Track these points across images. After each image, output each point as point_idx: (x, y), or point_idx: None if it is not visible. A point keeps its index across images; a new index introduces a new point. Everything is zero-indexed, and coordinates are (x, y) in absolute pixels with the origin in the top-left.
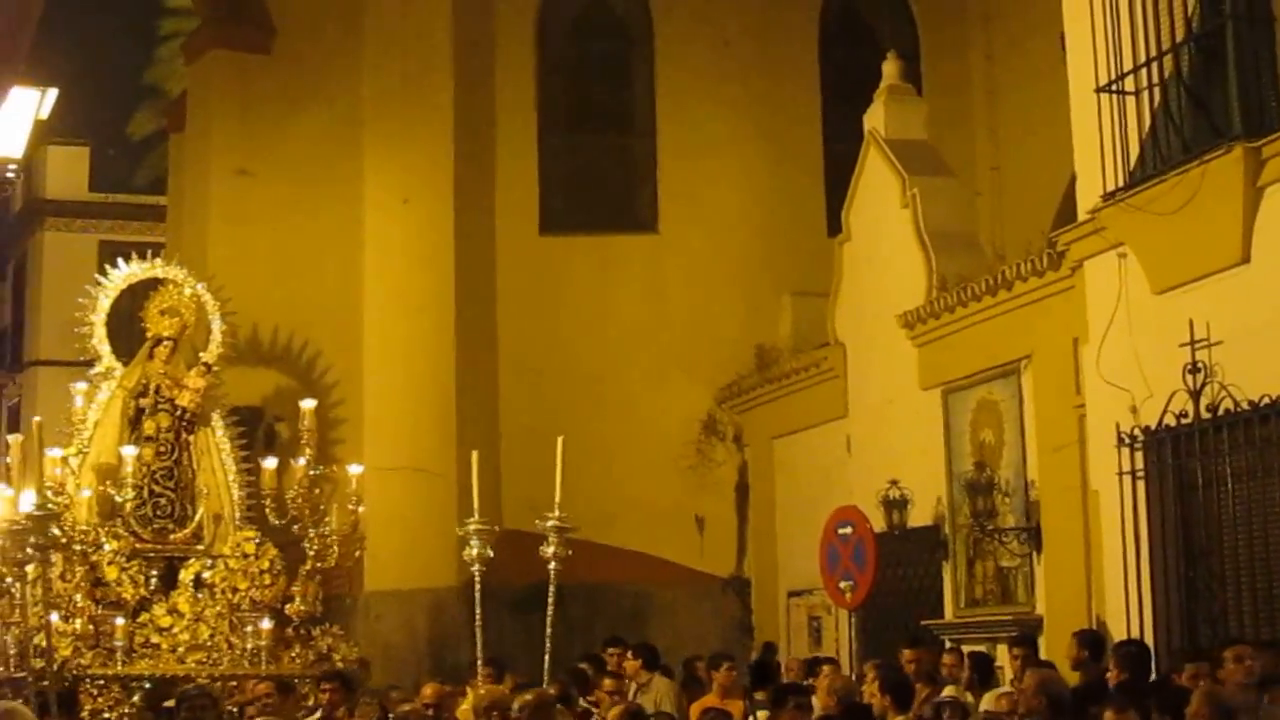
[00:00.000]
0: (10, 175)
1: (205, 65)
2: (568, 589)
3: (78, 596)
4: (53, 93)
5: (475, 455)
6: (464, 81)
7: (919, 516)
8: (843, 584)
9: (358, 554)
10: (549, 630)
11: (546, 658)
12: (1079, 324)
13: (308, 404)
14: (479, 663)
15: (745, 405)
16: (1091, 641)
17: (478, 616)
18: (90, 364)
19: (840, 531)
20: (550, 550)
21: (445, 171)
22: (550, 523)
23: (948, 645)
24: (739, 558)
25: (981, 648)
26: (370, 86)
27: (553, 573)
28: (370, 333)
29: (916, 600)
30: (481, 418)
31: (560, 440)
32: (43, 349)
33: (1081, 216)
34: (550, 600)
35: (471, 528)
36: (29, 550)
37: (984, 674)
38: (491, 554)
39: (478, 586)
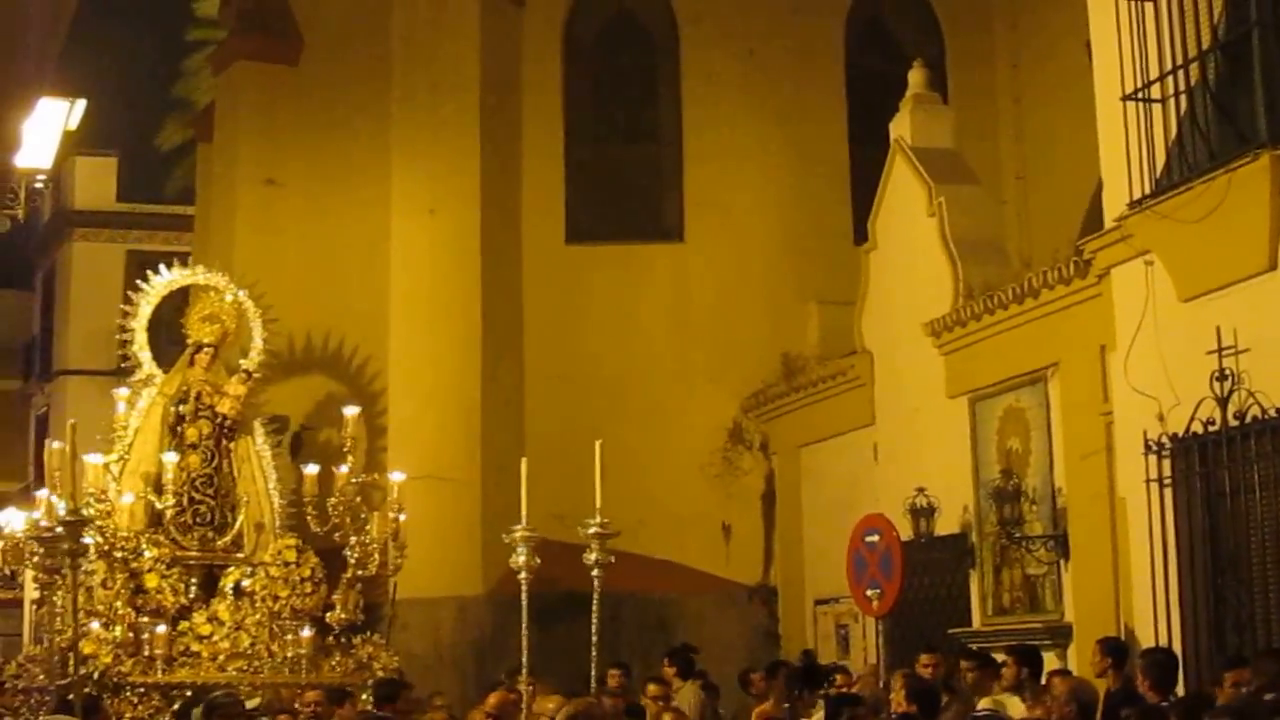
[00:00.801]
0: (39, 186)
1: (232, 76)
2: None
3: (118, 604)
4: (81, 103)
5: (524, 461)
6: (491, 91)
7: (946, 524)
8: (870, 592)
9: (399, 562)
10: (594, 639)
11: (593, 668)
12: (1106, 332)
13: (351, 411)
14: (523, 672)
15: (772, 413)
16: (1114, 649)
17: (524, 625)
18: (120, 373)
19: (867, 539)
20: (593, 557)
21: (472, 181)
22: (592, 529)
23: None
24: (766, 566)
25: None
26: (397, 97)
27: (596, 581)
28: (396, 342)
29: (943, 608)
30: (507, 426)
31: (599, 445)
32: (71, 358)
33: (1108, 224)
34: (594, 611)
35: (519, 534)
36: (60, 556)
37: (1035, 670)
38: (539, 562)
39: (524, 595)
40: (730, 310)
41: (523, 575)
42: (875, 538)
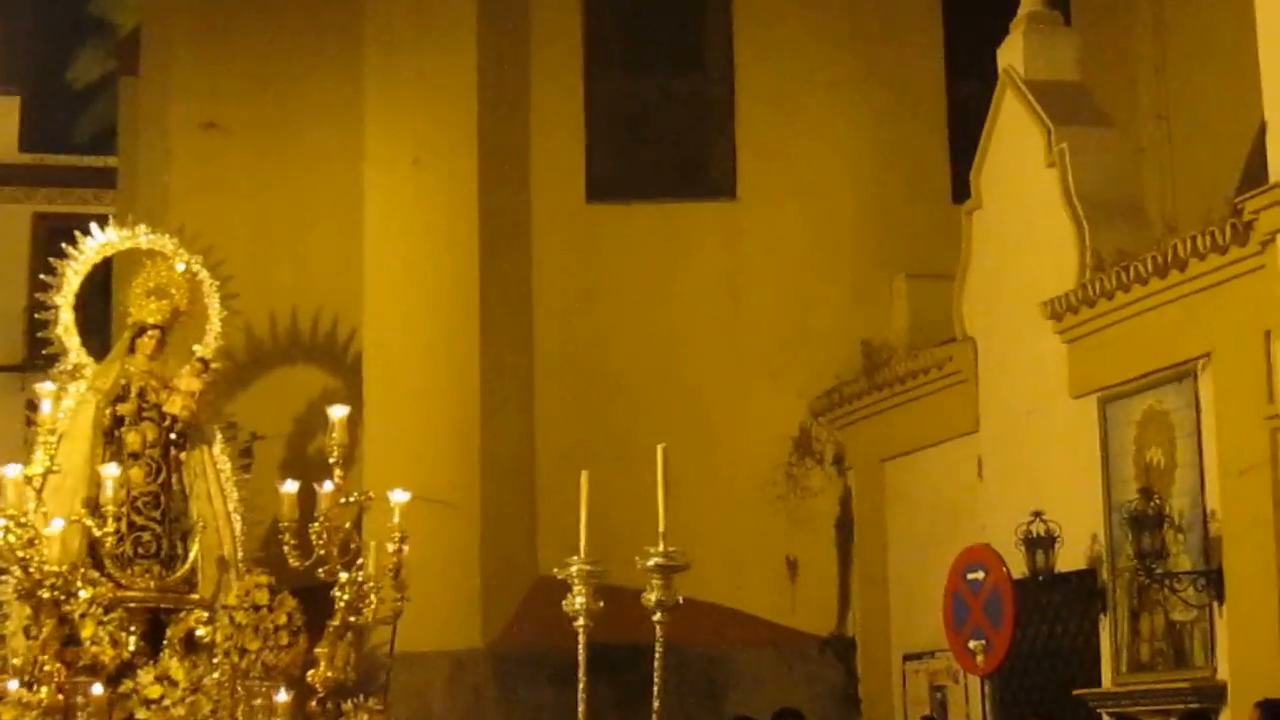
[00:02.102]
0: None
1: None
2: (622, 651)
3: (44, 658)
4: None
5: (585, 475)
6: (491, 9)
7: (1069, 559)
8: (973, 644)
9: (400, 605)
10: (656, 705)
11: None
12: (1271, 313)
13: (338, 411)
14: None
15: (848, 418)
16: (1276, 712)
17: (581, 687)
18: (29, 368)
19: (970, 578)
20: (653, 597)
21: (467, 123)
22: (653, 560)
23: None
24: (841, 612)
25: None
26: (371, 16)
27: (658, 629)
28: (371, 326)
29: (1066, 664)
30: (513, 435)
31: (661, 449)
32: None
33: (1274, 178)
34: (657, 669)
35: (574, 569)
36: None
37: None
38: (602, 605)
39: (582, 647)
40: (795, 287)
41: (580, 624)
42: (980, 575)
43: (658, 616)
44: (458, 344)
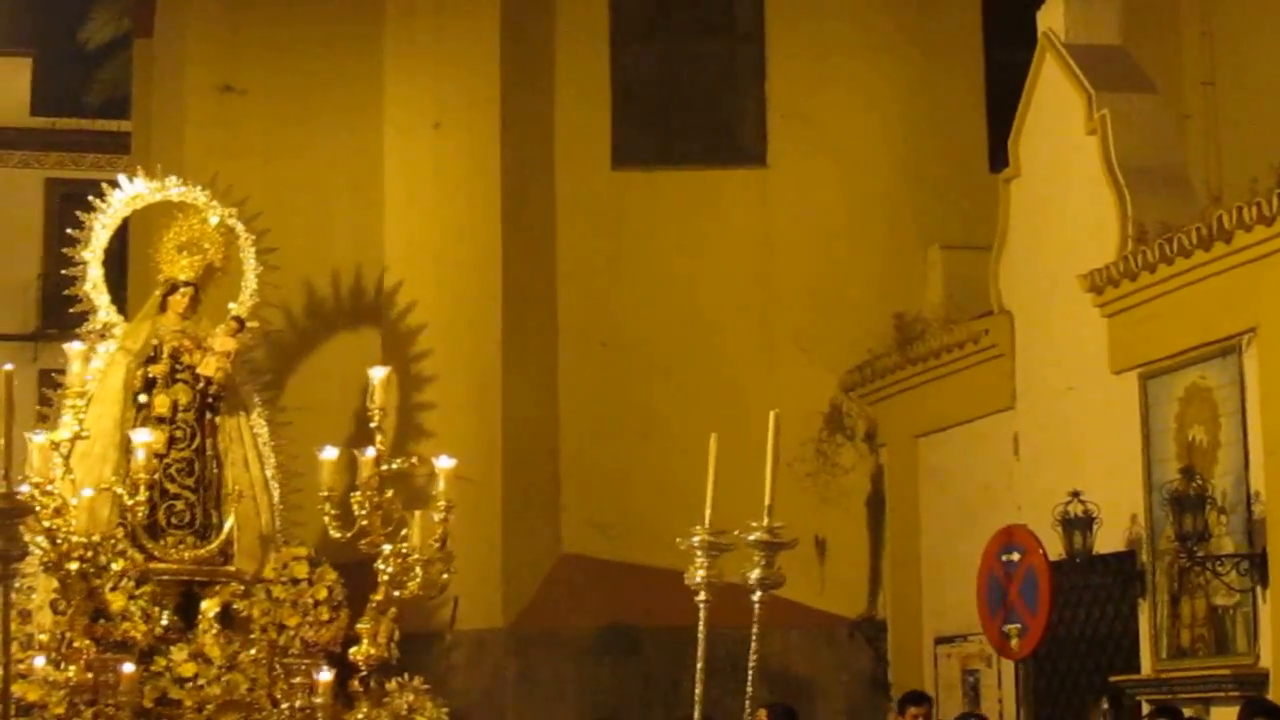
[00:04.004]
0: None
1: None
2: (648, 633)
3: (71, 634)
4: None
5: (714, 439)
6: None
7: (1108, 540)
8: (1008, 627)
9: (445, 579)
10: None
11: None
12: None
13: (378, 373)
14: None
15: (881, 393)
16: (1261, 709)
17: (699, 665)
18: (40, 338)
19: (1005, 559)
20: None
21: (490, 86)
22: (697, 538)
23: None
24: (872, 593)
25: (1190, 711)
26: None
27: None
28: (391, 292)
29: (1103, 649)
30: (536, 408)
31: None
32: None
33: None
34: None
35: (697, 539)
36: None
37: None
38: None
39: (702, 628)
40: (826, 256)
41: (701, 599)
42: (1015, 556)
43: (758, 596)
44: (479, 316)
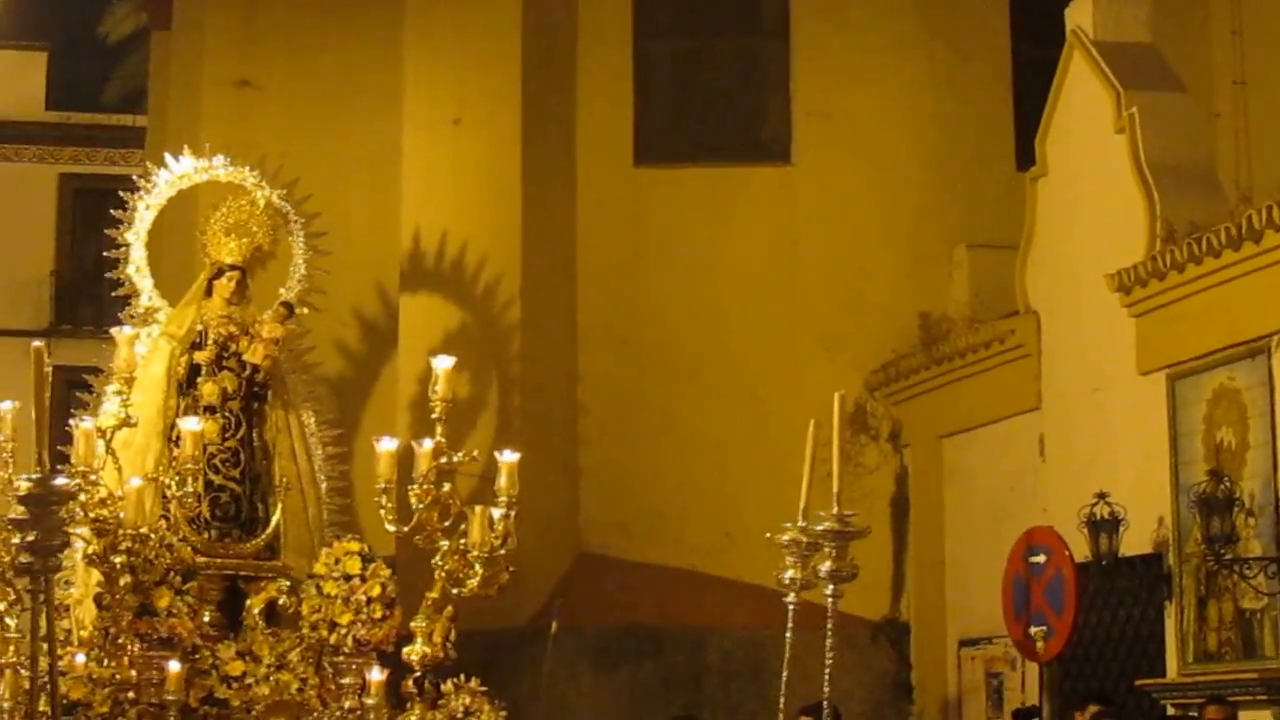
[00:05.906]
0: None
1: None
2: (666, 633)
3: (115, 630)
4: None
5: (813, 424)
6: None
7: (1135, 542)
8: (1034, 630)
9: (505, 577)
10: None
11: None
12: None
13: (442, 363)
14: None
15: (906, 393)
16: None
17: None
18: (53, 333)
19: (1031, 561)
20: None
21: (510, 82)
22: (788, 535)
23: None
24: (894, 595)
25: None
26: None
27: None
28: (409, 291)
29: (1129, 653)
30: (554, 407)
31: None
32: None
33: None
34: (828, 648)
35: (787, 536)
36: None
37: None
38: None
39: (789, 627)
40: (851, 255)
41: (791, 599)
42: (1041, 558)
43: (830, 590)
44: (497, 311)
